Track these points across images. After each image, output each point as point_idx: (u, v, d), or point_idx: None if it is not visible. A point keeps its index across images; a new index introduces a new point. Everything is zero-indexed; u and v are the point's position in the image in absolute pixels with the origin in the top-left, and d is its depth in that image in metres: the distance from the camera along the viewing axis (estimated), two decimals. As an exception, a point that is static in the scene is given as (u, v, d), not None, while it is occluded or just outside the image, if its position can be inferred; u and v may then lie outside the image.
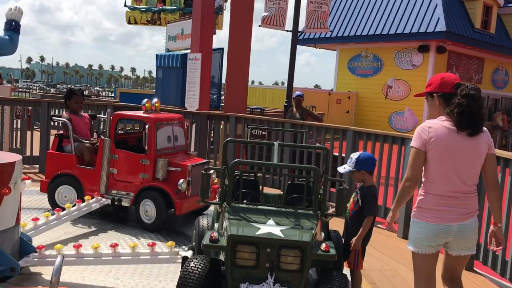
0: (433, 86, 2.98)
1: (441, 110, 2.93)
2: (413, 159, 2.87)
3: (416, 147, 2.87)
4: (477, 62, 21.05)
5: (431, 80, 3.03)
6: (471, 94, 2.80)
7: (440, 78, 2.97)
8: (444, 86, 2.93)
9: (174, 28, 14.03)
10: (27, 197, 6.24)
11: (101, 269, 4.09)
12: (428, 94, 3.02)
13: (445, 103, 2.90)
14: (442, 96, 2.93)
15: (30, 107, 9.40)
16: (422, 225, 2.89)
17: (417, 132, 2.90)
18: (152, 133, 5.40)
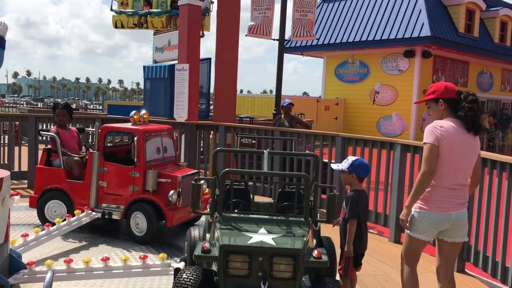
0: (438, 93, 3.31)
1: (444, 114, 3.29)
2: (428, 154, 3.16)
3: (431, 143, 3.17)
4: (462, 66, 21.31)
5: (434, 88, 3.35)
6: (475, 99, 3.23)
7: (444, 86, 3.33)
8: (448, 92, 3.29)
9: (161, 39, 14.05)
10: (16, 213, 6.17)
11: (93, 283, 4.05)
12: (432, 100, 3.34)
13: (449, 107, 3.27)
14: (447, 101, 3.28)
15: (18, 122, 9.32)
16: (427, 215, 3.23)
17: (429, 130, 3.20)
18: (141, 145, 5.38)
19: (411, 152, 5.70)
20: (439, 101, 3.30)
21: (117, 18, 17.27)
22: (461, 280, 4.69)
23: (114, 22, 17.43)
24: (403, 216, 3.29)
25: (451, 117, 3.26)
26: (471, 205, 4.85)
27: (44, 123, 9.63)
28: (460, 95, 3.26)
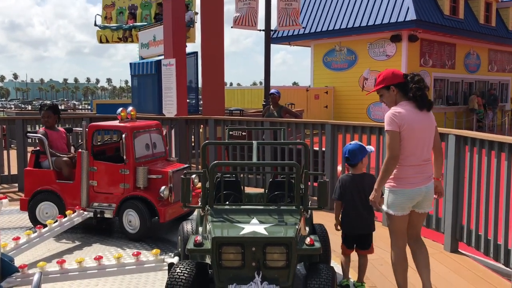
0: (387, 80, 3.50)
1: (397, 98, 3.49)
2: (391, 140, 3.36)
3: (392, 130, 3.36)
4: (449, 48, 21.36)
5: (382, 76, 3.54)
6: (421, 79, 3.46)
7: (391, 72, 3.53)
8: (397, 78, 3.50)
9: (146, 35, 13.92)
10: (7, 217, 6.12)
11: (88, 283, 4.04)
12: (383, 88, 3.52)
13: (400, 91, 3.47)
14: (397, 86, 3.48)
15: (5, 125, 9.23)
16: (401, 192, 3.44)
17: (389, 118, 3.39)
18: (129, 142, 5.34)
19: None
20: (390, 88, 3.49)
21: (101, 33, 17.19)
22: (455, 260, 4.73)
23: (98, 37, 17.36)
24: (373, 198, 3.46)
25: (404, 100, 3.46)
26: (461, 185, 4.89)
27: (32, 125, 9.54)
28: (407, 77, 3.48)
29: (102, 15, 17.79)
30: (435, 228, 5.30)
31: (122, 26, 16.47)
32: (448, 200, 4.95)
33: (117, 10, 17.42)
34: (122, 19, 17.11)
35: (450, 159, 4.94)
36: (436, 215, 5.27)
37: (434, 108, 17.53)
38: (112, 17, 17.42)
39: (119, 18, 17.25)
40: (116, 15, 17.42)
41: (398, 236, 3.58)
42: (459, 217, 4.92)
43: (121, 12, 17.33)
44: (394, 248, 3.59)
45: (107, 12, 17.65)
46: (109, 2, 17.57)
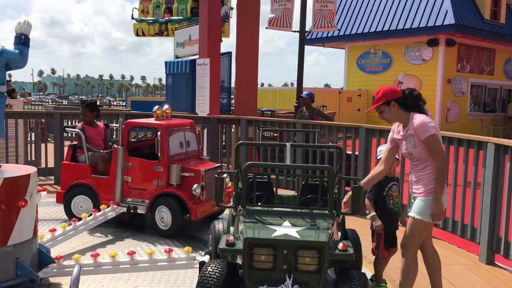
0: (387, 96, 3.51)
1: (398, 113, 3.50)
2: (439, 144, 3.38)
3: (436, 133, 3.36)
4: (488, 54, 20.81)
5: (381, 92, 3.54)
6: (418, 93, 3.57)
7: (390, 88, 3.57)
8: (396, 93, 3.52)
9: (182, 35, 14.08)
10: (43, 209, 6.29)
11: (120, 277, 4.11)
12: (383, 104, 3.52)
13: (400, 106, 3.49)
14: (397, 101, 3.49)
15: (43, 119, 9.49)
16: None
17: (426, 124, 3.37)
18: (164, 140, 5.41)
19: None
20: (390, 103, 3.50)
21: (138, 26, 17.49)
22: (490, 272, 4.60)
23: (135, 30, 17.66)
24: (437, 211, 3.33)
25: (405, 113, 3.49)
26: (500, 195, 4.74)
27: (69, 120, 9.79)
28: (405, 93, 3.53)
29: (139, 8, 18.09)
30: (469, 238, 5.17)
31: (158, 20, 16.70)
32: (485, 211, 4.82)
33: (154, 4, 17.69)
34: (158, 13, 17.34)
35: (489, 168, 4.81)
36: (472, 225, 5.14)
37: (470, 114, 17.11)
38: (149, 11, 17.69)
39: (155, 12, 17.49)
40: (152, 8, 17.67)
41: (418, 244, 3.56)
42: (496, 228, 4.78)
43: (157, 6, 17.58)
44: (410, 256, 3.52)
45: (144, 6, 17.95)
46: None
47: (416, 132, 3.38)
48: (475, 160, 5.14)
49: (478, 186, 5.09)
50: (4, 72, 3.73)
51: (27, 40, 3.78)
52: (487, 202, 4.79)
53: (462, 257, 5.01)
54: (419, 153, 3.42)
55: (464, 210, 5.27)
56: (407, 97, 3.50)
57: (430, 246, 3.70)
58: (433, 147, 3.34)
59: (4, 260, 3.53)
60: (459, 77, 19.52)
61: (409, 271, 3.53)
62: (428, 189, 3.39)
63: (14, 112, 8.77)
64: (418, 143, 3.39)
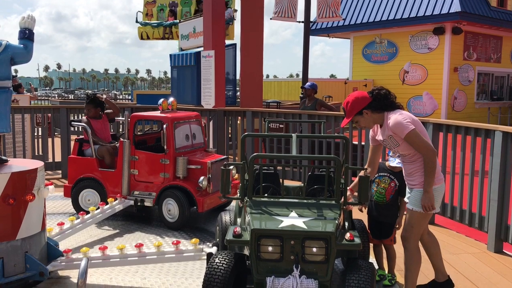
0: (357, 106, 3.45)
1: (373, 117, 3.46)
2: (420, 137, 3.30)
3: (413, 127, 3.30)
4: (495, 41, 20.62)
5: (350, 105, 3.46)
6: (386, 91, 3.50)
7: (358, 97, 3.47)
8: (365, 100, 3.45)
9: (186, 27, 14.04)
10: (51, 203, 6.33)
11: (128, 269, 4.13)
12: (357, 115, 3.46)
13: (372, 111, 3.44)
14: (368, 107, 3.44)
15: (50, 114, 9.52)
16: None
17: (402, 121, 3.31)
18: (170, 132, 5.42)
19: (444, 132, 5.55)
20: (363, 112, 3.45)
21: (142, 30, 17.51)
22: (499, 261, 4.58)
23: (140, 34, 17.71)
24: (427, 202, 3.32)
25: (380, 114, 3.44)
26: (508, 184, 4.72)
27: (75, 114, 9.82)
28: (372, 94, 3.46)
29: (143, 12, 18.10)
30: (478, 227, 5.15)
31: (162, 23, 16.72)
32: (493, 199, 4.79)
33: (158, 7, 17.70)
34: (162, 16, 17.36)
35: (496, 157, 4.77)
36: (479, 213, 5.12)
37: (477, 102, 16.97)
38: (153, 14, 17.72)
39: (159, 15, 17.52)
40: (157, 12, 17.70)
41: (419, 235, 3.54)
42: (504, 217, 4.76)
43: (161, 9, 17.61)
44: (412, 248, 3.49)
45: (148, 9, 17.98)
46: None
47: (394, 132, 3.35)
48: (482, 148, 5.11)
49: (485, 174, 5.06)
50: (9, 67, 3.73)
51: (31, 35, 3.78)
52: (495, 190, 4.76)
53: (470, 245, 5.00)
54: (404, 149, 3.40)
55: (472, 199, 5.25)
56: (376, 99, 3.44)
57: (426, 231, 3.70)
58: (415, 142, 3.30)
59: (13, 254, 3.56)
60: (466, 65, 19.36)
61: (412, 262, 3.51)
62: (422, 180, 3.38)
63: (21, 107, 8.80)
64: (400, 141, 3.37)
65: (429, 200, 3.32)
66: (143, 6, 18.18)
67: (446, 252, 4.67)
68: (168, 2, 17.47)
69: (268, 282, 2.97)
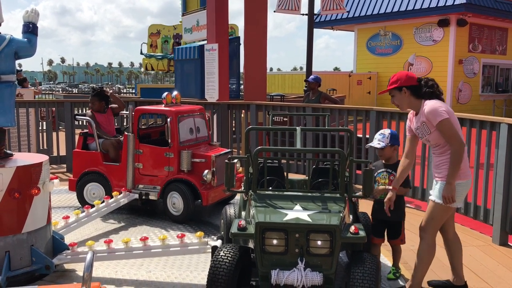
0: (401, 81, 3.50)
1: (410, 99, 3.49)
2: (453, 127, 3.32)
3: (448, 117, 3.30)
4: (501, 33, 20.46)
5: (396, 77, 3.54)
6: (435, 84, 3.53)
7: (405, 74, 3.53)
8: (411, 80, 3.50)
9: (190, 20, 14.02)
10: (56, 197, 6.36)
11: (133, 262, 4.15)
12: (395, 89, 3.51)
13: (412, 94, 3.47)
14: (409, 88, 3.48)
15: (54, 108, 9.55)
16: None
17: (438, 108, 3.32)
18: (174, 126, 5.42)
19: (449, 124, 5.52)
20: (402, 89, 3.48)
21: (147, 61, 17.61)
22: (504, 253, 4.58)
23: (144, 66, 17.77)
24: (449, 194, 3.30)
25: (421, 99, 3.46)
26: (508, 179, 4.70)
27: (80, 108, 9.83)
28: (421, 81, 3.50)
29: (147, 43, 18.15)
30: (483, 219, 5.14)
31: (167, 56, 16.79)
32: (498, 192, 4.78)
33: (162, 38, 17.78)
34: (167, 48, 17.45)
35: (502, 149, 4.75)
36: (484, 206, 5.10)
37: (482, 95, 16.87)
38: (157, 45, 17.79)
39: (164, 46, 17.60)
40: (161, 43, 17.78)
41: (437, 228, 3.54)
42: (509, 209, 4.74)
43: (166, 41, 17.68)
44: (428, 240, 3.49)
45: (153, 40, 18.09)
46: (154, 30, 17.95)
47: (427, 118, 3.35)
48: (487, 141, 5.09)
49: (491, 167, 5.04)
50: (14, 61, 3.73)
51: (35, 29, 3.77)
52: (500, 183, 4.74)
53: (475, 238, 4.99)
54: (435, 139, 3.40)
55: (477, 192, 5.23)
56: (421, 86, 3.47)
57: (452, 231, 3.68)
58: (446, 132, 3.30)
59: (19, 247, 3.58)
60: (471, 57, 19.24)
61: (425, 254, 3.51)
62: None
63: (25, 101, 8.82)
64: (432, 129, 3.37)
65: (450, 191, 3.30)
66: (148, 37, 18.30)
67: (451, 245, 4.66)
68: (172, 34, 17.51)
69: (273, 275, 2.98)
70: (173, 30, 17.41)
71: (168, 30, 17.32)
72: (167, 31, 17.37)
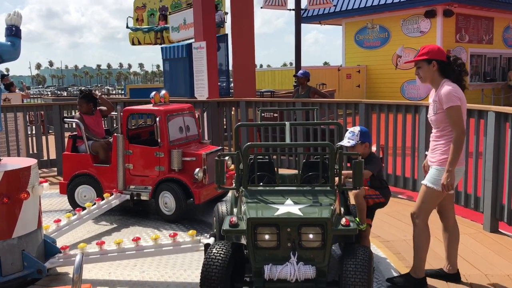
0: (432, 54, 3.45)
1: (435, 75, 3.46)
2: (459, 115, 3.35)
3: (458, 105, 3.34)
4: (487, 22, 20.58)
5: (428, 48, 3.48)
6: (463, 63, 3.50)
7: (437, 48, 3.49)
8: (441, 54, 3.46)
9: (176, 19, 13.95)
10: (47, 200, 6.32)
11: (126, 263, 4.14)
12: (424, 61, 3.46)
13: (440, 69, 3.44)
14: (438, 62, 3.43)
15: (42, 111, 9.49)
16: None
17: (451, 94, 3.35)
18: (163, 125, 5.40)
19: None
20: (432, 62, 3.44)
21: (133, 35, 17.44)
22: (495, 240, 4.62)
23: (131, 39, 17.64)
24: (447, 180, 3.33)
25: (444, 79, 3.44)
26: (502, 163, 4.73)
27: (68, 110, 9.76)
28: (450, 58, 3.47)
29: (133, 17, 18.01)
30: (473, 207, 5.18)
31: (153, 28, 16.66)
32: (488, 179, 4.81)
33: (148, 12, 17.64)
34: (153, 21, 17.31)
35: (490, 137, 4.79)
36: (475, 194, 5.14)
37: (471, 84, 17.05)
38: (143, 19, 17.65)
39: (150, 20, 17.46)
40: (147, 16, 17.64)
41: (429, 212, 3.58)
42: (499, 196, 4.78)
43: (152, 14, 17.54)
44: (421, 224, 3.54)
45: (139, 14, 17.92)
46: (140, 4, 17.78)
47: (440, 99, 3.38)
48: (476, 129, 5.12)
49: (480, 155, 5.08)
50: (-3, 65, 3.70)
51: (18, 31, 3.74)
52: (489, 170, 4.78)
53: (467, 226, 5.03)
54: (438, 120, 3.44)
55: (467, 180, 5.27)
56: (450, 63, 3.45)
57: (453, 219, 3.70)
58: (453, 118, 3.34)
59: (10, 252, 3.55)
60: (458, 47, 19.34)
61: (421, 238, 3.55)
62: (442, 158, 3.42)
63: (13, 105, 8.75)
64: (439, 110, 3.40)
65: (450, 180, 3.33)
66: (133, 11, 18.11)
67: (442, 233, 4.69)
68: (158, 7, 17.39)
69: (266, 270, 2.98)
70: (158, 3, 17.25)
71: (154, 3, 17.17)
72: (152, 3, 17.23)
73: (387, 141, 6.42)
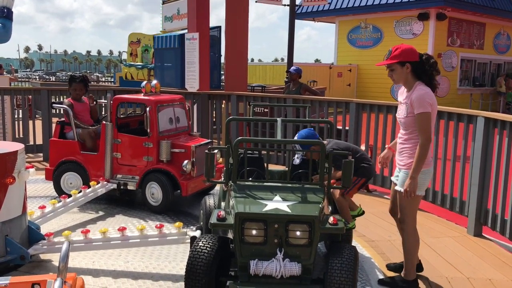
0: (404, 56, 3.37)
1: (408, 77, 3.40)
2: (428, 122, 3.32)
3: (428, 111, 3.31)
4: (479, 28, 20.77)
5: (399, 50, 3.39)
6: (436, 62, 3.43)
7: (409, 48, 3.41)
8: (414, 55, 3.38)
9: (170, 9, 13.86)
10: (33, 186, 6.25)
11: (111, 253, 4.11)
12: (398, 63, 3.39)
13: (413, 70, 3.38)
14: (412, 64, 3.37)
15: (30, 96, 9.36)
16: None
17: (423, 99, 3.31)
18: (153, 115, 5.36)
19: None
20: (405, 64, 3.38)
21: (127, 71, 17.28)
22: (478, 244, 4.67)
23: (124, 74, 17.49)
24: (411, 186, 3.34)
25: (416, 81, 3.39)
26: (488, 168, 4.78)
27: (57, 96, 9.65)
28: (422, 57, 3.39)
29: (127, 51, 17.86)
30: (458, 211, 5.23)
31: (147, 66, 16.53)
32: (474, 184, 4.86)
33: (142, 47, 17.50)
34: (147, 57, 17.19)
35: (478, 142, 4.83)
36: (460, 198, 5.19)
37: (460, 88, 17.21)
38: (137, 54, 17.51)
39: (144, 55, 17.34)
40: (141, 52, 17.50)
41: (415, 215, 3.58)
42: (484, 201, 4.84)
43: (146, 50, 17.40)
44: (410, 229, 3.57)
45: (133, 49, 17.82)
46: (134, 39, 17.66)
47: (412, 103, 3.36)
48: (465, 133, 5.16)
49: (467, 159, 5.12)
50: (-13, 47, 3.63)
51: (10, 14, 3.68)
52: (476, 175, 4.83)
53: (451, 229, 5.08)
54: (407, 123, 3.44)
55: (454, 184, 5.32)
56: (423, 62, 3.38)
57: None
58: (421, 124, 3.32)
59: (-7, 237, 3.51)
60: (449, 51, 19.50)
61: (410, 243, 3.58)
62: (409, 162, 3.43)
63: (0, 88, 8.61)
64: (410, 114, 3.39)
65: (413, 186, 3.34)
66: (128, 45, 17.97)
67: (427, 236, 4.74)
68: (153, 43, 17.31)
69: (252, 265, 2.98)
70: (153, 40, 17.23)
71: (148, 39, 17.09)
72: (147, 40, 17.15)
73: (376, 141, 6.45)
